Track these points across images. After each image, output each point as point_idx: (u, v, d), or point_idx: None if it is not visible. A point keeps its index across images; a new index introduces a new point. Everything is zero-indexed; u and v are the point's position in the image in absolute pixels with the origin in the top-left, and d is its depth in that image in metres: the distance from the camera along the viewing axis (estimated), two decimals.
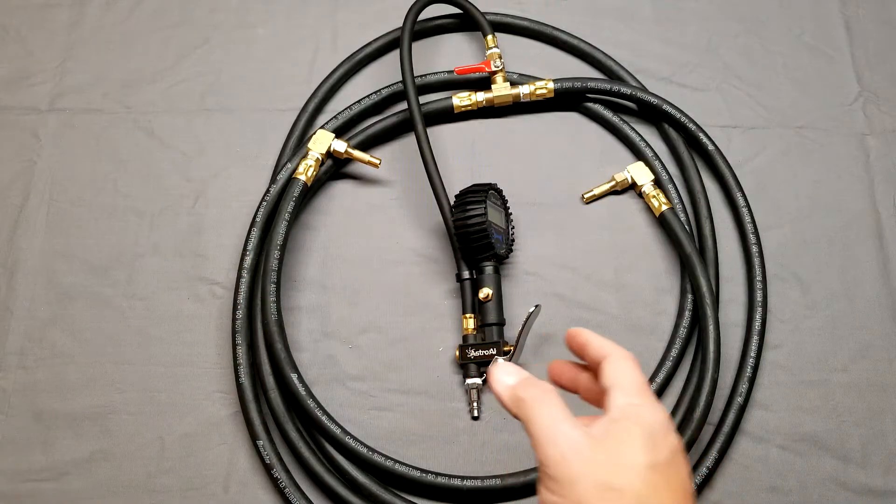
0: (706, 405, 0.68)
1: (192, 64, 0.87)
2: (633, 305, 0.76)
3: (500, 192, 0.77)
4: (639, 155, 0.81)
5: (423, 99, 0.82)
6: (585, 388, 0.51)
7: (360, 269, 0.78)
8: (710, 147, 0.80)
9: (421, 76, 0.83)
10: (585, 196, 0.80)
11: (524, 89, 0.81)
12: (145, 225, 0.79)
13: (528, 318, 0.69)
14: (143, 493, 0.69)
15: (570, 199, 0.81)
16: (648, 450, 0.41)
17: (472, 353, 0.72)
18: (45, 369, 0.74)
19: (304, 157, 0.77)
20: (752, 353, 0.72)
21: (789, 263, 0.78)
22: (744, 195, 0.78)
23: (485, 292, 0.73)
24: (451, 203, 0.75)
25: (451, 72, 0.83)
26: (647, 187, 0.78)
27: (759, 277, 0.75)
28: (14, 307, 0.76)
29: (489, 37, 0.82)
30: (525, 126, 0.84)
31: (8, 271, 0.77)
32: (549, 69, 0.85)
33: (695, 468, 0.69)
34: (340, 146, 0.78)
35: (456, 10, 0.86)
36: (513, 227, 0.78)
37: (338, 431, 0.68)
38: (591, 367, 0.50)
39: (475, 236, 0.72)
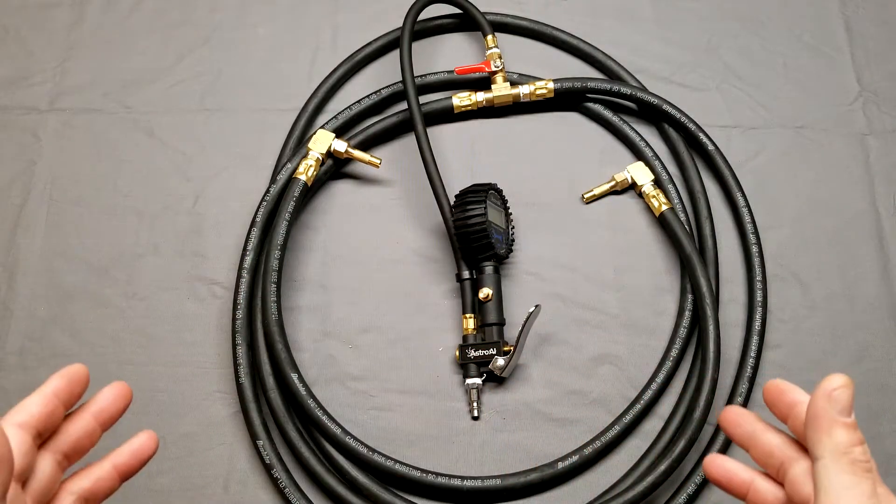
0: (706, 405, 0.68)
1: (192, 64, 0.87)
2: (633, 305, 0.76)
3: (500, 192, 0.77)
4: (639, 155, 0.81)
5: (423, 99, 0.82)
6: (766, 454, 0.44)
7: (360, 269, 0.78)
8: (710, 147, 0.80)
9: (421, 76, 0.83)
10: (585, 196, 0.80)
11: (524, 89, 0.81)
12: (145, 225, 0.79)
13: (528, 319, 0.69)
14: (143, 492, 0.69)
15: (570, 199, 0.81)
16: None
17: (472, 353, 0.72)
18: (45, 369, 0.73)
19: (305, 156, 0.77)
20: (752, 353, 0.72)
21: (789, 263, 0.78)
22: (744, 195, 0.78)
23: (485, 292, 0.73)
24: (451, 203, 0.75)
25: (451, 72, 0.83)
26: (647, 187, 0.78)
27: (759, 277, 0.75)
28: (14, 307, 0.76)
29: (489, 37, 0.82)
30: (525, 126, 0.84)
31: (8, 271, 0.77)
32: (549, 69, 0.85)
33: (695, 468, 0.69)
34: (341, 146, 0.78)
35: (456, 10, 0.86)
36: (513, 227, 0.78)
37: (338, 431, 0.68)
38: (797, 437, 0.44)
39: (475, 236, 0.72)
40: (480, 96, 0.82)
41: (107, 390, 0.44)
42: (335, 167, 0.80)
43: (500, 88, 0.81)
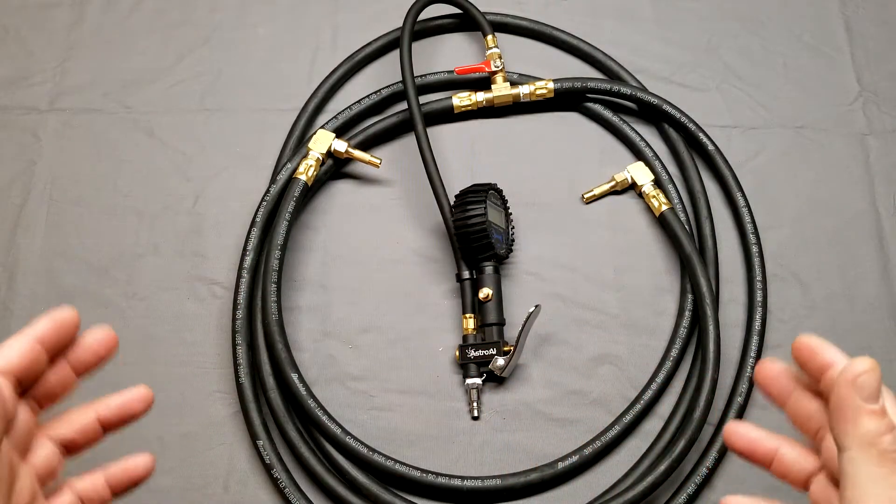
0: (706, 405, 0.68)
1: (192, 64, 0.87)
2: (633, 305, 0.76)
3: (500, 192, 0.77)
4: (639, 155, 0.81)
5: (423, 99, 0.82)
6: (804, 417, 0.42)
7: (360, 269, 0.78)
8: (710, 147, 0.80)
9: (421, 76, 0.83)
10: (585, 196, 0.80)
11: (524, 89, 0.81)
12: (145, 225, 0.79)
13: (528, 319, 0.69)
14: (143, 492, 0.69)
15: (570, 199, 0.81)
16: None
17: (472, 353, 0.72)
18: None
19: (305, 156, 0.77)
20: (752, 353, 0.72)
21: (789, 263, 0.78)
22: (744, 195, 0.78)
23: (485, 292, 0.73)
24: (451, 203, 0.75)
25: (451, 72, 0.83)
26: (647, 187, 0.78)
27: (759, 277, 0.75)
28: (14, 307, 0.76)
29: (489, 37, 0.82)
30: (525, 126, 0.84)
31: (8, 271, 0.77)
32: (549, 69, 0.85)
33: (695, 468, 0.69)
34: (341, 146, 0.78)
35: (456, 10, 0.86)
36: (513, 227, 0.78)
37: (338, 431, 0.68)
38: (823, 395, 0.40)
39: (475, 236, 0.72)
40: (480, 96, 0.82)
41: (89, 337, 0.41)
42: (335, 167, 0.80)
43: (500, 88, 0.81)
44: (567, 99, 0.83)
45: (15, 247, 0.78)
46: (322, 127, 0.80)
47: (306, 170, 0.76)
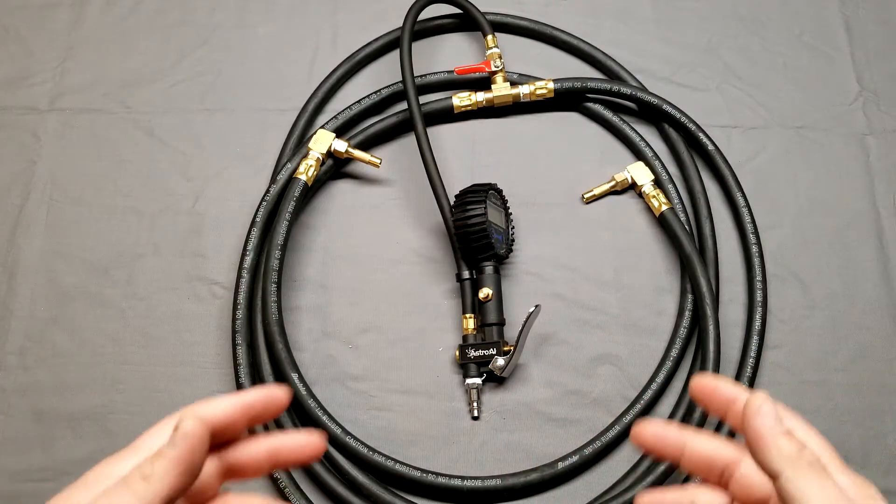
0: None
1: (192, 64, 0.87)
2: (633, 305, 0.76)
3: (500, 192, 0.77)
4: (639, 155, 0.81)
5: (423, 99, 0.82)
6: (705, 462, 0.42)
7: (360, 269, 0.78)
8: (710, 147, 0.80)
9: (421, 76, 0.83)
10: (585, 196, 0.80)
11: (524, 89, 0.81)
12: (145, 225, 0.79)
13: (528, 319, 0.69)
14: None
15: (570, 199, 0.81)
16: None
17: (472, 353, 0.72)
18: (45, 369, 0.74)
19: (305, 156, 0.77)
20: (752, 353, 0.72)
21: (789, 263, 0.78)
22: (744, 195, 0.78)
23: (485, 292, 0.73)
24: (452, 203, 0.75)
25: (451, 72, 0.83)
26: (647, 187, 0.78)
27: (759, 277, 0.75)
28: (14, 307, 0.76)
29: (489, 37, 0.82)
30: (525, 126, 0.84)
31: (8, 271, 0.77)
32: (549, 69, 0.85)
33: None
34: (341, 146, 0.78)
35: (456, 10, 0.86)
36: (513, 227, 0.78)
37: (338, 431, 0.68)
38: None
39: (475, 236, 0.72)
40: (480, 96, 0.82)
41: (301, 437, 0.42)
42: (335, 167, 0.80)
43: (500, 88, 0.81)
44: (567, 99, 0.83)
45: (15, 247, 0.78)
46: (322, 127, 0.80)
47: (306, 170, 0.76)
